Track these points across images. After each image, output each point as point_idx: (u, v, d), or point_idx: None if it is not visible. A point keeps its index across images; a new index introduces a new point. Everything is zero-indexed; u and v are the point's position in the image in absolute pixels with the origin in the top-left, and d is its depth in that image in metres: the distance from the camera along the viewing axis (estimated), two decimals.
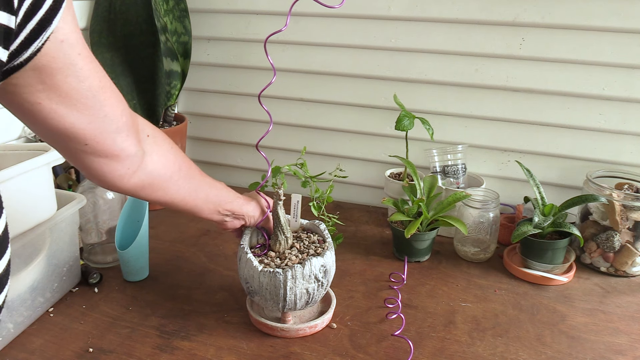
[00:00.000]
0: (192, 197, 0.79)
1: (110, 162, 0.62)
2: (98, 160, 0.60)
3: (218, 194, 0.83)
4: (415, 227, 1.00)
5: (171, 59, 1.25)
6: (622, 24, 1.06)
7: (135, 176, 0.67)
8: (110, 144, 0.60)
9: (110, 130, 0.59)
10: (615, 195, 1.03)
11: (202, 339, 0.85)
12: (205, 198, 0.81)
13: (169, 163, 0.73)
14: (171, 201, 0.77)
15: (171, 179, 0.74)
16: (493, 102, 1.20)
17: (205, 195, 0.81)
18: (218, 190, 0.83)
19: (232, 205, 0.84)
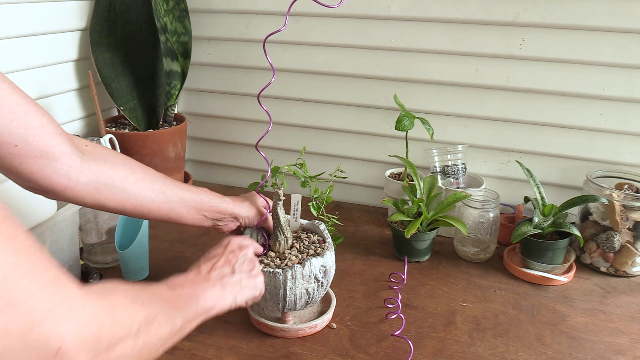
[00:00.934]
0: (163, 200, 0.76)
1: (48, 163, 0.59)
2: (35, 163, 0.57)
3: (195, 198, 0.81)
4: (415, 227, 1.00)
5: (171, 59, 1.25)
6: (622, 24, 1.06)
7: (83, 175, 0.64)
8: (39, 140, 0.57)
9: (36, 126, 0.57)
10: (615, 196, 1.03)
11: (202, 339, 0.85)
12: (179, 201, 0.78)
13: (117, 166, 0.71)
14: (140, 206, 0.73)
15: (127, 180, 0.71)
16: (493, 102, 1.20)
17: (178, 198, 0.78)
18: (195, 193, 0.81)
19: (219, 208, 0.84)
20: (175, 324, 0.57)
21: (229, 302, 0.70)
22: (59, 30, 1.19)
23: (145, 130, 1.30)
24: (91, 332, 0.38)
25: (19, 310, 0.32)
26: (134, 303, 0.49)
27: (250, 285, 0.74)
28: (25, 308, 0.33)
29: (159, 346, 0.52)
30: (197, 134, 1.50)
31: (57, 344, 0.35)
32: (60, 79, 1.22)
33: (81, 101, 1.29)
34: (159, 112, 1.32)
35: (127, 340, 0.45)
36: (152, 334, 0.50)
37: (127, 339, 0.45)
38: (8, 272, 0.32)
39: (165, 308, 0.55)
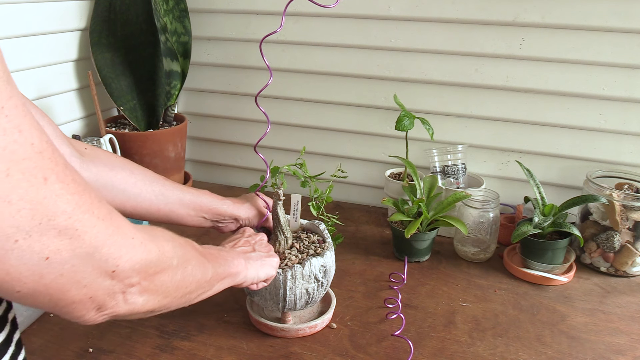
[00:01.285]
0: (162, 201, 0.77)
1: None
2: None
3: (195, 199, 0.82)
4: (415, 227, 1.00)
5: (171, 59, 1.25)
6: (622, 24, 1.06)
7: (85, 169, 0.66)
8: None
9: None
10: (615, 195, 1.03)
11: (202, 339, 0.85)
12: (178, 202, 0.80)
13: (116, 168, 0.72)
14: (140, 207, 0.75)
15: (126, 182, 0.73)
16: (493, 102, 1.20)
17: (177, 200, 0.80)
18: (194, 195, 0.82)
19: (218, 210, 0.84)
20: (206, 272, 0.60)
21: (252, 274, 0.72)
22: (59, 30, 1.19)
23: (145, 130, 1.30)
24: (140, 257, 0.45)
25: (85, 238, 0.39)
26: (173, 240, 0.54)
27: (269, 264, 0.76)
28: (89, 236, 0.39)
29: (193, 287, 0.57)
30: (197, 134, 1.50)
31: (115, 264, 0.42)
32: (60, 79, 1.22)
33: (81, 101, 1.29)
34: (159, 112, 1.32)
35: (168, 270, 0.51)
36: (189, 272, 0.55)
37: (168, 269, 0.51)
38: (74, 209, 0.38)
39: (197, 256, 0.59)
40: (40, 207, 0.35)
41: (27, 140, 0.35)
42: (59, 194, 0.37)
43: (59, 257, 0.37)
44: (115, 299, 0.44)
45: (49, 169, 0.36)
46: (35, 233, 0.35)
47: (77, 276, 0.39)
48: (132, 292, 0.45)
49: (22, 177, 0.34)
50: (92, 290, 0.41)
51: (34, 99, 1.14)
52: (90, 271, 0.40)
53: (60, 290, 0.39)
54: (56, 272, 0.38)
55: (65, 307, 0.41)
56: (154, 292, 0.48)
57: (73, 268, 0.39)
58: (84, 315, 0.43)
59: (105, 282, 0.42)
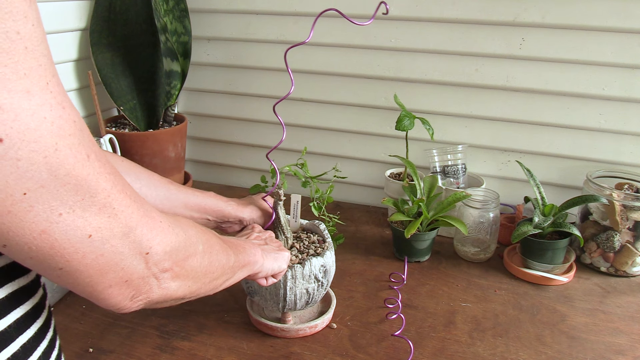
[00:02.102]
0: (167, 206, 0.78)
1: None
2: None
3: (199, 202, 0.82)
4: (415, 227, 1.00)
5: (171, 59, 1.25)
6: (622, 24, 1.06)
7: None
8: None
9: None
10: (615, 195, 1.03)
11: (202, 339, 0.85)
12: (183, 206, 0.80)
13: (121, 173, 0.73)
14: None
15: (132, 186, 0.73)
16: (493, 102, 1.20)
17: (182, 204, 0.80)
18: (199, 198, 0.83)
19: (223, 212, 0.85)
20: (229, 258, 0.61)
21: (268, 265, 0.73)
22: (59, 30, 1.19)
23: (145, 130, 1.30)
24: (170, 240, 0.46)
25: (121, 217, 0.40)
26: (195, 227, 0.54)
27: (282, 257, 0.76)
28: (125, 216, 0.40)
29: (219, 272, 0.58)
30: (197, 134, 1.50)
31: (148, 245, 0.43)
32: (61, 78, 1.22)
33: (81, 101, 1.29)
34: (159, 112, 1.32)
35: (196, 255, 0.52)
36: (214, 257, 0.56)
37: (196, 254, 0.52)
38: (111, 188, 0.39)
39: (220, 242, 0.60)
40: (84, 183, 0.36)
41: (70, 117, 0.36)
42: (100, 171, 0.38)
43: (100, 235, 0.38)
44: (150, 284, 0.45)
45: (89, 147, 0.37)
46: (78, 208, 0.36)
47: (115, 257, 0.40)
48: (165, 278, 0.46)
49: (69, 152, 0.35)
50: (128, 273, 0.42)
51: None
52: (127, 252, 0.41)
53: (100, 271, 0.40)
54: (97, 251, 0.39)
55: (102, 291, 0.41)
56: (185, 277, 0.49)
57: (112, 248, 0.40)
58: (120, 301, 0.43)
59: (140, 264, 0.43)
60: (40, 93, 0.34)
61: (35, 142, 0.33)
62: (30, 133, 0.33)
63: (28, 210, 0.34)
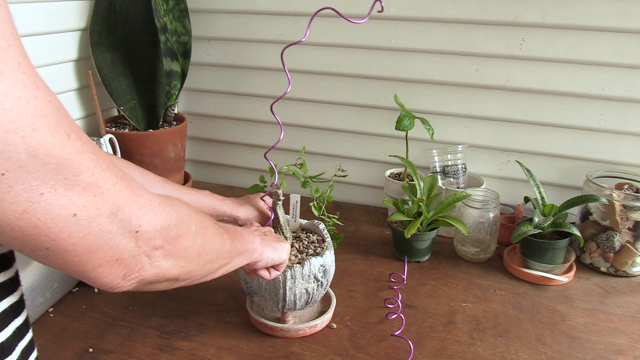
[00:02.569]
0: None
1: None
2: None
3: (195, 200, 0.82)
4: (415, 227, 1.00)
5: (171, 59, 1.25)
6: (622, 24, 1.06)
7: None
8: None
9: None
10: (615, 195, 1.03)
11: (202, 339, 0.85)
12: None
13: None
14: None
15: None
16: (493, 102, 1.20)
17: None
18: (194, 196, 0.82)
19: (218, 210, 0.85)
20: (225, 242, 0.61)
21: (267, 254, 0.73)
22: (59, 30, 1.19)
23: (145, 130, 1.30)
24: (161, 218, 0.45)
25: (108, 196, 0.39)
26: (189, 208, 0.54)
27: (282, 248, 0.76)
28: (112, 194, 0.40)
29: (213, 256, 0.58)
30: (197, 134, 1.50)
31: (138, 224, 0.43)
32: (60, 79, 1.22)
33: (81, 101, 1.29)
34: (159, 112, 1.31)
35: (189, 235, 0.51)
36: (208, 239, 0.56)
37: (188, 233, 0.51)
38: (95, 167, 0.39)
39: (215, 226, 0.60)
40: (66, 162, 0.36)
41: (45, 96, 0.36)
42: (82, 150, 0.38)
43: (86, 214, 0.38)
44: (141, 262, 0.44)
45: (69, 126, 0.37)
46: (61, 187, 0.36)
47: (103, 235, 0.40)
48: (156, 256, 0.46)
49: (47, 131, 0.35)
50: (118, 252, 0.42)
51: None
52: (115, 231, 0.41)
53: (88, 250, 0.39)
54: (84, 230, 0.38)
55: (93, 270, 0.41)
56: (177, 256, 0.49)
57: (99, 227, 0.39)
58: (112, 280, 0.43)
59: (130, 243, 0.42)
60: (13, 73, 0.33)
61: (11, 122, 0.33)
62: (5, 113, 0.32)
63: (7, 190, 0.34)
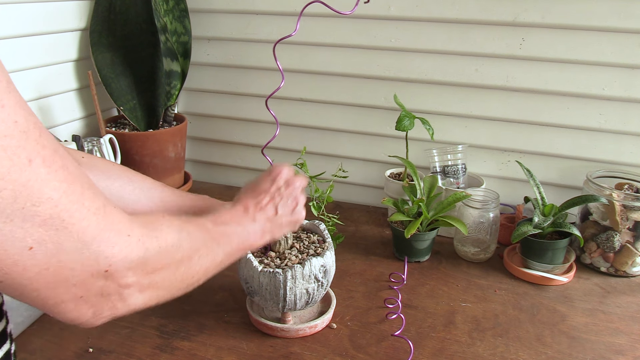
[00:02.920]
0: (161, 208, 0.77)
1: None
2: None
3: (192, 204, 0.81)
4: (415, 227, 1.00)
5: (171, 59, 1.25)
6: (622, 24, 1.05)
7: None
8: None
9: None
10: (615, 195, 1.03)
11: (202, 339, 0.85)
12: (177, 209, 0.78)
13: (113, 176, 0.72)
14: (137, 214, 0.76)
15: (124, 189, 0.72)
16: (493, 102, 1.20)
17: (176, 206, 0.78)
18: (193, 201, 0.81)
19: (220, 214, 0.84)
20: (216, 257, 0.59)
21: (266, 240, 0.72)
22: (59, 30, 1.19)
23: (145, 130, 1.30)
24: (137, 255, 0.42)
25: (72, 231, 0.36)
26: (180, 233, 0.51)
27: (288, 224, 0.75)
28: (78, 229, 0.36)
29: (200, 275, 0.56)
30: (197, 134, 1.50)
31: (107, 263, 0.39)
32: (60, 79, 1.22)
33: (81, 101, 1.29)
34: (159, 112, 1.32)
35: (170, 266, 0.48)
36: (194, 263, 0.53)
37: (171, 264, 0.48)
38: (60, 197, 0.35)
39: (208, 241, 0.58)
40: (23, 190, 0.33)
41: (9, 116, 0.33)
42: (45, 178, 0.35)
43: (44, 248, 0.35)
44: (111, 300, 0.41)
45: (35, 151, 0.34)
46: (18, 218, 0.33)
47: (64, 273, 0.37)
48: (129, 292, 0.42)
49: (3, 154, 0.32)
50: (82, 290, 0.38)
51: (33, 99, 1.14)
52: (79, 269, 0.37)
53: (46, 286, 0.36)
54: (41, 265, 0.35)
55: (55, 305, 0.38)
56: (155, 288, 0.46)
57: (60, 263, 0.36)
58: (79, 317, 0.40)
59: (99, 282, 0.39)
60: None
61: None
62: None
63: None
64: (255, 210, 0.71)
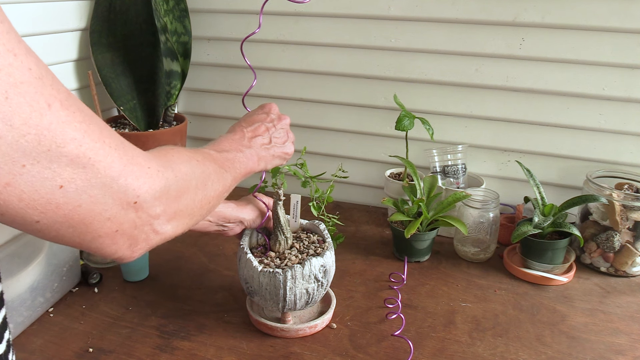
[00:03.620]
0: None
1: None
2: None
3: None
4: (415, 227, 1.00)
5: (171, 59, 1.25)
6: (622, 24, 1.05)
7: None
8: None
9: None
10: (615, 195, 1.03)
11: (202, 339, 0.85)
12: None
13: None
14: None
15: None
16: (493, 102, 1.20)
17: None
18: None
19: (223, 214, 0.84)
20: (226, 181, 0.62)
21: (261, 167, 0.75)
22: (59, 30, 1.19)
23: (145, 130, 1.30)
24: (159, 185, 0.44)
25: (99, 167, 0.38)
26: (190, 162, 0.53)
27: (280, 156, 0.79)
28: (104, 165, 0.38)
29: (215, 199, 0.58)
30: (197, 134, 1.50)
31: (136, 194, 0.41)
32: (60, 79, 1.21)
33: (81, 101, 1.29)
34: (159, 112, 1.31)
35: (189, 193, 0.50)
36: (209, 189, 0.56)
37: (188, 191, 0.50)
38: (83, 137, 0.37)
39: (216, 166, 0.60)
40: (47, 132, 0.34)
41: (23, 64, 0.34)
42: (66, 120, 0.36)
43: (74, 186, 0.36)
44: (144, 232, 0.43)
45: (51, 95, 0.36)
46: (44, 159, 0.35)
47: (97, 208, 0.38)
48: (159, 222, 0.45)
49: (23, 100, 0.33)
50: (116, 224, 0.40)
51: None
52: (111, 203, 0.39)
53: (82, 222, 0.38)
54: (73, 202, 0.37)
55: (92, 240, 0.40)
56: (180, 217, 0.48)
57: (91, 199, 0.38)
58: (117, 250, 0.42)
59: (130, 214, 0.41)
60: None
61: None
62: None
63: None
64: (252, 136, 0.75)
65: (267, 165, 0.76)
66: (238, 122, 0.80)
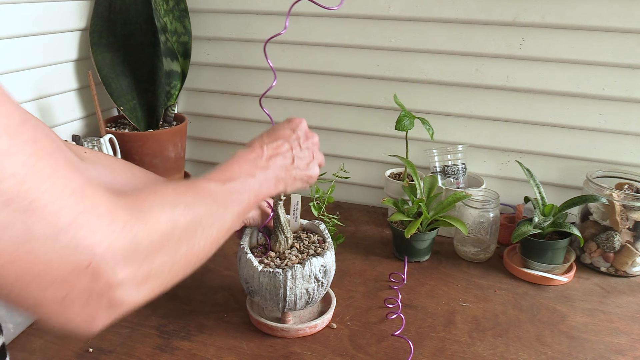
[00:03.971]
0: None
1: None
2: None
3: None
4: (415, 227, 1.00)
5: (171, 59, 1.25)
6: (622, 24, 1.05)
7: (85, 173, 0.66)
8: None
9: None
10: (615, 195, 1.03)
11: (202, 339, 0.85)
12: None
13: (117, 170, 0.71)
14: None
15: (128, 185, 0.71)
16: (493, 102, 1.20)
17: None
18: None
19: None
20: (224, 223, 0.51)
21: (279, 190, 0.67)
22: (59, 30, 1.19)
23: (145, 130, 1.30)
24: (123, 243, 0.35)
25: (42, 214, 0.30)
26: (174, 208, 0.43)
27: (302, 178, 0.70)
28: (49, 212, 0.30)
29: (207, 250, 0.48)
30: (197, 134, 1.50)
31: (88, 254, 0.32)
32: (60, 79, 1.22)
33: (81, 101, 1.29)
34: (159, 112, 1.31)
35: (167, 247, 0.41)
36: (198, 239, 0.46)
37: (167, 245, 0.41)
38: (27, 174, 0.30)
39: (212, 207, 0.50)
40: None
41: None
42: (8, 152, 0.29)
43: (10, 233, 0.29)
44: (104, 302, 0.34)
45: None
46: None
47: (37, 266, 0.30)
48: (124, 291, 0.35)
49: None
50: (64, 289, 0.32)
51: (33, 99, 1.14)
52: (56, 261, 0.31)
53: (17, 281, 0.30)
54: (7, 255, 0.29)
55: (35, 308, 0.32)
56: (154, 279, 0.39)
57: (31, 254, 0.30)
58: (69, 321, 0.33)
59: (82, 279, 0.32)
60: None
61: None
62: None
63: None
64: (271, 155, 0.65)
65: (287, 187, 0.68)
66: (260, 137, 0.69)
